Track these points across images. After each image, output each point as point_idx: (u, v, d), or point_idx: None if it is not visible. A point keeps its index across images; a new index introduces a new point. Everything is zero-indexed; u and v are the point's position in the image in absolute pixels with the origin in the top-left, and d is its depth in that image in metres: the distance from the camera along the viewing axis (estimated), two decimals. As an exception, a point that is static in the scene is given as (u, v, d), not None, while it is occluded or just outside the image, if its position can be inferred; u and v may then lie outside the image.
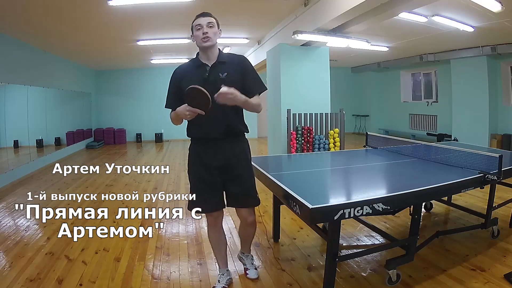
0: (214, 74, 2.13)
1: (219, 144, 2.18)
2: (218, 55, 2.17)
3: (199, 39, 2.11)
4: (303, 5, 5.15)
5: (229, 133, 2.17)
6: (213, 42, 2.13)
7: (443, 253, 2.84)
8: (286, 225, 3.54)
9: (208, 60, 2.16)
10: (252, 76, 2.19)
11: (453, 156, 2.92)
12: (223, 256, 2.50)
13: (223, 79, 2.10)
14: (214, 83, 2.06)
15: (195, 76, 2.12)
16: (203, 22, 2.12)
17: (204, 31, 2.10)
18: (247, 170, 2.27)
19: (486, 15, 5.07)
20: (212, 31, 2.12)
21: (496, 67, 7.94)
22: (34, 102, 7.26)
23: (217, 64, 2.15)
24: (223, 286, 2.41)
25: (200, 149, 2.22)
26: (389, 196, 2.02)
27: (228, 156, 2.19)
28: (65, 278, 2.54)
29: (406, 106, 11.39)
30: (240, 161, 2.23)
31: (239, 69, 2.16)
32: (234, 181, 2.23)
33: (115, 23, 5.70)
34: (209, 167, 2.20)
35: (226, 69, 2.14)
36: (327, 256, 2.07)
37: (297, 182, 2.45)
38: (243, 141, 2.28)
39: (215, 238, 2.46)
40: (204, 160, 2.20)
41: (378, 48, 7.98)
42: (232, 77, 2.12)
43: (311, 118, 5.98)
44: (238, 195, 2.25)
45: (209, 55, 2.16)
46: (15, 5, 4.63)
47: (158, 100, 11.87)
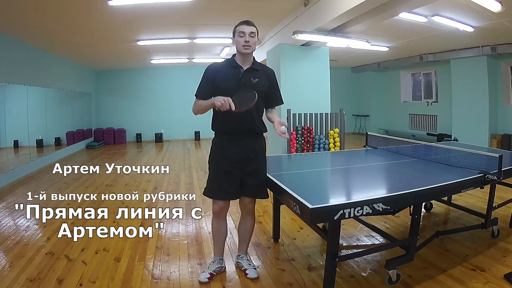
0: (247, 78, 2.36)
1: (242, 140, 2.39)
2: (253, 62, 2.40)
3: (240, 45, 2.32)
4: (303, 5, 5.15)
5: (251, 131, 2.40)
6: (252, 50, 2.36)
7: (443, 253, 2.84)
8: (286, 225, 3.54)
9: (243, 64, 2.39)
10: (277, 90, 2.54)
11: (453, 156, 2.92)
12: (221, 245, 2.61)
13: (254, 83, 2.36)
14: (246, 85, 2.33)
15: (229, 75, 2.36)
16: (246, 30, 2.31)
17: (246, 39, 2.30)
18: (263, 165, 2.49)
19: (486, 15, 5.07)
20: (253, 41, 2.33)
21: (496, 67, 7.94)
22: (34, 102, 7.26)
23: (251, 69, 2.39)
24: (210, 273, 2.50)
25: (224, 142, 2.42)
26: (389, 196, 2.02)
27: (248, 151, 2.41)
28: (65, 278, 2.54)
29: (406, 106, 11.39)
30: (258, 156, 2.44)
31: (268, 80, 2.45)
32: (251, 174, 2.43)
33: (115, 23, 5.70)
34: (230, 159, 2.39)
35: (257, 75, 2.39)
36: (327, 256, 2.07)
37: (297, 182, 2.45)
38: (262, 139, 2.50)
39: (217, 227, 2.58)
40: (227, 153, 2.40)
41: (378, 48, 7.98)
42: (261, 84, 2.39)
43: (311, 118, 5.98)
44: (253, 187, 2.45)
45: (245, 60, 2.39)
46: (15, 5, 4.63)
47: (158, 100, 11.92)
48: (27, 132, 6.93)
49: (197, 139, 11.90)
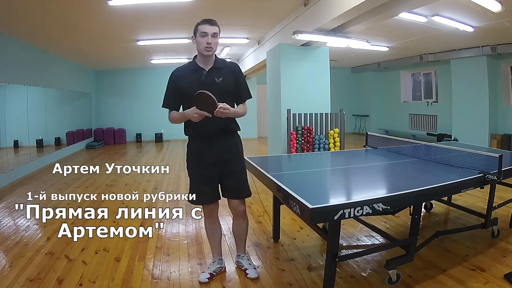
0: (210, 78, 2.30)
1: (214, 141, 2.35)
2: (214, 61, 2.35)
3: (202, 46, 2.26)
4: (303, 5, 5.15)
5: (224, 131, 2.36)
6: (214, 52, 2.31)
7: (443, 253, 2.84)
8: (286, 225, 3.54)
9: (205, 65, 2.33)
10: (243, 85, 2.42)
11: (453, 156, 2.92)
12: (217, 245, 2.61)
13: (218, 83, 2.30)
14: (210, 87, 2.24)
15: (193, 79, 2.30)
16: (209, 31, 2.24)
17: (208, 41, 2.24)
18: (240, 164, 2.46)
19: (486, 15, 5.07)
20: (215, 41, 2.27)
21: (496, 67, 7.94)
22: (34, 102, 7.26)
23: (213, 69, 2.33)
24: (210, 273, 2.50)
25: (197, 146, 2.39)
26: (389, 196, 2.02)
27: (223, 152, 2.37)
28: (65, 278, 2.54)
29: (406, 106, 11.39)
30: (234, 156, 2.41)
31: (232, 76, 2.37)
32: (228, 175, 2.41)
33: (115, 23, 5.70)
34: (205, 162, 2.37)
35: (221, 74, 2.33)
36: (327, 256, 2.07)
37: (297, 182, 2.45)
38: (235, 138, 2.46)
39: (210, 229, 2.59)
40: (201, 156, 2.38)
41: (378, 48, 7.97)
42: (226, 82, 2.32)
43: (311, 118, 5.98)
44: (233, 188, 2.43)
45: (207, 61, 2.33)
46: (15, 5, 4.63)
47: (158, 100, 11.55)
48: (27, 132, 6.93)
49: (197, 139, 11.90)
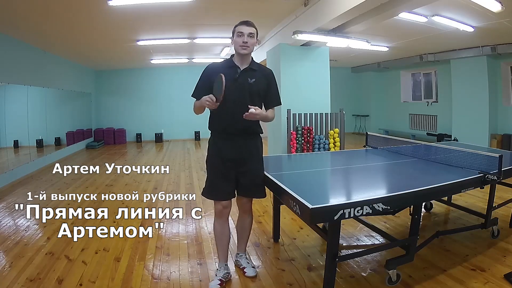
0: (244, 77, 2.36)
1: (235, 139, 2.38)
2: (250, 62, 2.40)
3: (238, 45, 2.32)
4: (303, 5, 5.15)
5: (246, 131, 2.39)
6: (250, 51, 2.35)
7: (443, 253, 2.84)
8: (286, 225, 3.54)
9: (241, 64, 2.38)
10: (274, 90, 2.48)
11: (453, 156, 2.92)
12: (225, 250, 2.57)
13: (250, 83, 2.35)
14: (242, 85, 2.33)
15: (226, 75, 2.30)
16: (245, 31, 2.31)
17: (244, 40, 2.30)
18: (258, 165, 2.47)
19: (486, 15, 5.07)
20: (251, 41, 2.33)
21: (496, 67, 7.94)
22: (34, 102, 7.25)
23: (248, 69, 2.38)
24: (220, 279, 2.45)
25: (218, 141, 2.42)
26: (389, 196, 2.02)
27: (242, 151, 2.40)
28: (65, 278, 2.54)
29: (406, 106, 11.39)
30: (253, 156, 2.43)
31: (266, 80, 2.42)
32: (245, 173, 2.42)
33: (115, 23, 5.70)
34: (224, 159, 2.39)
35: (254, 76, 2.38)
36: (327, 256, 2.07)
37: (297, 182, 2.45)
38: (257, 140, 2.49)
39: (219, 231, 2.54)
40: (221, 152, 2.40)
41: (378, 48, 7.97)
42: (258, 84, 2.38)
43: (311, 118, 5.98)
44: (248, 187, 2.45)
45: (243, 60, 2.38)
46: (15, 5, 4.63)
47: (158, 100, 11.92)
48: (27, 132, 6.93)
49: (197, 139, 11.90)
